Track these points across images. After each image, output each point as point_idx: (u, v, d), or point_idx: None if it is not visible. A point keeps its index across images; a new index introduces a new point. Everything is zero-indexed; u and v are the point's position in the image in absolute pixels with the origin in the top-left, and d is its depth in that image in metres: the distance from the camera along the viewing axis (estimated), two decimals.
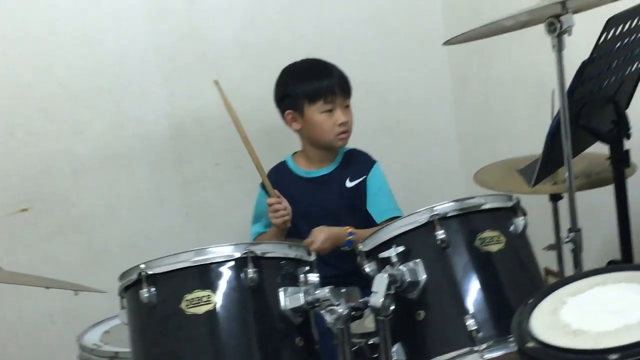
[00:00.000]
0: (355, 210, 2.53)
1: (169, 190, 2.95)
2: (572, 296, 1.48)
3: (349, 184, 2.55)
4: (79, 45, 2.78)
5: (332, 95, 2.47)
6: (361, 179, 2.55)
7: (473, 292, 1.77)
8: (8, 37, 2.73)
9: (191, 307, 1.67)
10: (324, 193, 2.54)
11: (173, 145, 2.94)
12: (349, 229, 2.41)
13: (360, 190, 2.55)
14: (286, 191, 2.52)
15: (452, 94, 3.36)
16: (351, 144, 2.65)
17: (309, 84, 2.49)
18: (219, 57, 2.96)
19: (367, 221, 2.50)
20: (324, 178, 2.57)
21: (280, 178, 2.57)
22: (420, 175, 3.31)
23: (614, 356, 1.26)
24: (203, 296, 1.68)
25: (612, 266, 1.78)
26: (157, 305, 1.70)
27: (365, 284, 1.81)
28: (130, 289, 1.77)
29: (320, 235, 2.37)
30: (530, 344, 1.37)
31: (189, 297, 1.68)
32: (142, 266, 1.72)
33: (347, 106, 2.53)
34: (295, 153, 2.65)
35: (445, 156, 3.37)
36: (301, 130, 2.55)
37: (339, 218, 2.48)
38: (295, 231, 2.49)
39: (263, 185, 2.55)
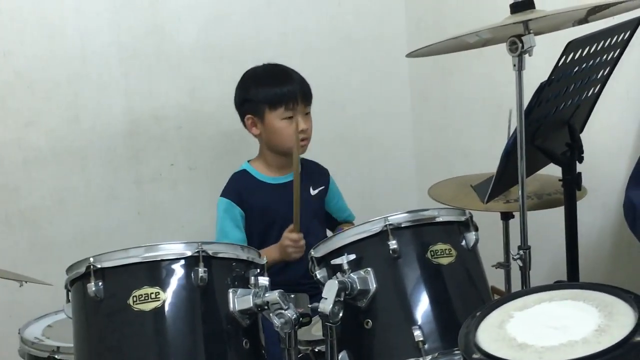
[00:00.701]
0: (318, 216, 2.60)
1: (122, 188, 2.91)
2: (519, 310, 1.51)
3: (312, 191, 2.59)
4: (38, 35, 2.73)
5: (293, 103, 2.46)
6: (322, 188, 2.63)
7: (422, 303, 1.79)
8: None
9: (139, 304, 1.66)
10: (291, 199, 2.54)
11: (129, 143, 2.91)
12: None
13: (322, 198, 2.63)
14: (256, 198, 2.50)
15: (411, 108, 3.39)
16: (310, 151, 2.65)
17: (271, 90, 2.47)
18: (181, 57, 2.95)
19: (327, 227, 2.66)
20: (290, 184, 2.56)
21: (246, 186, 2.53)
22: (375, 187, 3.33)
23: None
24: (151, 293, 1.66)
25: (559, 283, 1.81)
26: (103, 299, 1.68)
27: (314, 293, 1.80)
28: (77, 282, 1.74)
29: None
30: (476, 356, 1.39)
31: (137, 293, 1.66)
32: (91, 259, 1.70)
33: (308, 113, 2.53)
34: (251, 160, 2.63)
35: (401, 169, 3.39)
36: (260, 135, 2.54)
37: (308, 224, 2.48)
38: (265, 237, 2.49)
39: (229, 197, 2.51)
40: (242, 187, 2.52)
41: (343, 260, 1.77)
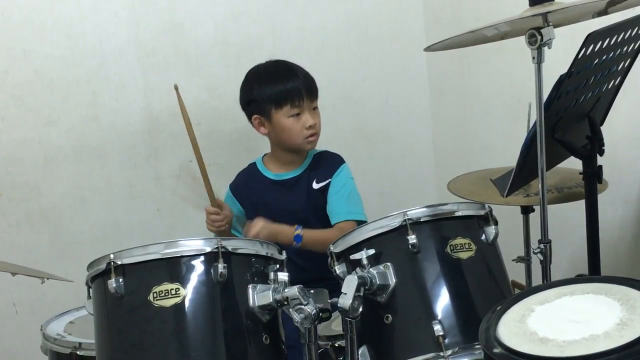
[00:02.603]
0: (321, 211, 2.50)
1: (142, 185, 2.93)
2: (540, 305, 1.50)
3: (315, 185, 2.53)
4: (57, 34, 2.75)
5: (299, 99, 2.44)
6: (327, 181, 2.52)
7: (442, 298, 1.78)
8: None
9: (159, 300, 1.66)
10: (291, 196, 2.53)
11: (148, 140, 2.92)
12: (298, 230, 2.37)
13: (326, 192, 2.52)
14: (254, 194, 2.51)
15: (429, 102, 3.37)
16: (328, 147, 2.65)
17: (275, 88, 2.45)
18: (199, 54, 2.95)
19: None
20: (292, 181, 2.56)
21: (249, 181, 2.56)
22: (394, 182, 3.33)
23: None
24: (171, 289, 1.67)
25: (580, 277, 1.80)
26: (124, 296, 1.69)
27: (333, 289, 1.80)
28: (98, 278, 1.75)
29: (257, 226, 2.33)
30: (497, 350, 1.38)
31: (157, 289, 1.67)
32: (112, 256, 1.71)
33: (315, 108, 2.50)
34: (265, 155, 2.64)
35: (420, 164, 3.39)
36: (269, 134, 2.54)
37: (306, 220, 2.44)
38: None
39: (231, 187, 2.59)
40: (243, 181, 2.56)
41: (362, 255, 1.77)
